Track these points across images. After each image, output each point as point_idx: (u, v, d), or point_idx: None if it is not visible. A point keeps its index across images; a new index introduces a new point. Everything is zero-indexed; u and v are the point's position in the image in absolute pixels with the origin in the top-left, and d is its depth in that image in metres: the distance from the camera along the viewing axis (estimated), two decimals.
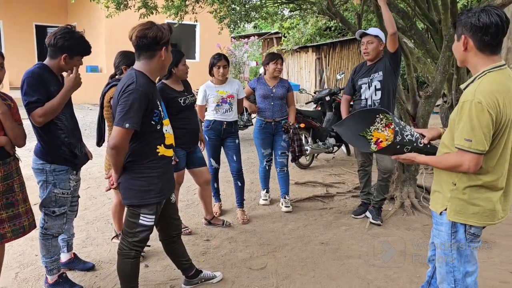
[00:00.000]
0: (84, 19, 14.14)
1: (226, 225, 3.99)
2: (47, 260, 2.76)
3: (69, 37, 2.56)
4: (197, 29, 15.01)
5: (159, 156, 2.36)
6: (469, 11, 1.82)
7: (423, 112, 4.51)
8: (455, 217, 1.90)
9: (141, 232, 2.40)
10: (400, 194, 4.62)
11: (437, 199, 1.99)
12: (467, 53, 1.86)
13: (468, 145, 1.74)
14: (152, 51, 2.26)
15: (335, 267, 3.22)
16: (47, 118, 2.50)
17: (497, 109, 1.72)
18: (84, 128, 8.99)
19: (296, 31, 15.68)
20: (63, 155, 2.64)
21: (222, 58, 3.98)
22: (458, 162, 1.80)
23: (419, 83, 12.83)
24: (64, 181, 2.67)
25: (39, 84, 2.48)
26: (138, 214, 2.36)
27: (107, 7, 5.98)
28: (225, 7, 6.72)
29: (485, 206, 1.85)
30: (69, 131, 2.67)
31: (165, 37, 2.25)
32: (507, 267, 3.22)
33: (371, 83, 3.94)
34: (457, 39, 1.88)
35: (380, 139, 2.11)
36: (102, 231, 3.88)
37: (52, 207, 2.68)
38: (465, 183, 1.86)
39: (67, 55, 2.56)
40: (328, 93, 6.87)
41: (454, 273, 1.95)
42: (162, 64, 2.33)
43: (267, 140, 4.46)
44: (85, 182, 5.37)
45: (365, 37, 3.92)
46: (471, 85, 1.83)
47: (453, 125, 1.86)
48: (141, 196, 2.33)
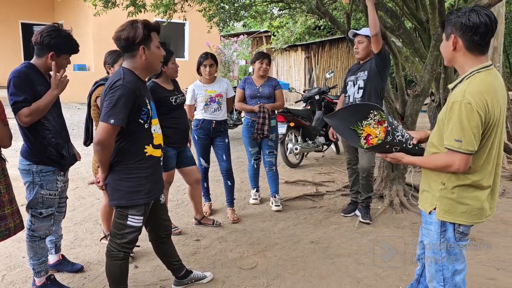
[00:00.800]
0: (71, 17, 13.97)
1: (216, 225, 3.98)
2: (34, 262, 2.71)
3: (56, 35, 2.52)
4: (186, 28, 14.93)
5: (147, 156, 2.33)
6: (459, 11, 1.83)
7: (411, 111, 4.55)
8: (444, 216, 1.91)
9: (129, 234, 2.37)
10: (389, 193, 4.66)
11: (426, 199, 2.00)
12: (456, 53, 1.86)
13: (458, 146, 1.76)
14: (131, 51, 2.24)
15: (325, 266, 3.23)
16: (34, 118, 2.46)
17: (486, 110, 1.74)
18: (71, 128, 8.89)
19: (285, 30, 15.68)
20: (50, 156, 2.60)
21: (209, 57, 3.96)
22: (448, 163, 1.81)
23: (407, 82, 12.93)
24: (51, 182, 2.64)
25: (26, 84, 2.44)
26: (126, 215, 2.34)
27: (95, 5, 5.93)
28: (214, 6, 6.70)
29: (474, 205, 1.87)
30: (56, 132, 2.63)
31: (139, 36, 2.19)
32: (494, 264, 3.26)
33: (356, 81, 4.02)
34: (446, 39, 1.89)
35: (371, 136, 2.11)
36: (90, 232, 3.84)
37: (39, 208, 2.64)
38: (453, 182, 1.87)
39: (54, 53, 2.52)
40: (318, 92, 6.89)
41: (443, 272, 1.97)
42: (147, 63, 2.29)
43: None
44: (73, 182, 5.31)
45: (356, 37, 4.01)
46: (459, 85, 1.84)
47: (442, 125, 1.87)
48: (129, 197, 2.31)
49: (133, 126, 2.24)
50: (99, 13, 6.08)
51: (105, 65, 3.27)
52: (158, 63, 2.36)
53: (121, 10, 6.12)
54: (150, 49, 2.27)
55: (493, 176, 1.90)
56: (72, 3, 12.22)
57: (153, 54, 2.29)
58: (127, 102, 2.15)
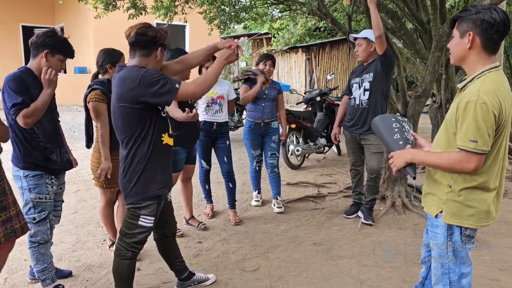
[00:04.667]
0: (72, 20, 13.99)
1: (200, 228, 3.95)
2: (37, 269, 2.71)
3: (52, 35, 2.54)
4: (186, 30, 14.93)
5: (164, 144, 2.36)
6: (475, 7, 1.79)
7: (413, 112, 4.54)
8: (451, 220, 1.88)
9: (140, 234, 2.38)
10: (391, 194, 4.65)
11: (431, 202, 1.97)
12: (470, 51, 1.81)
13: (474, 146, 1.72)
14: (149, 49, 2.29)
15: (328, 268, 3.22)
16: (35, 118, 2.48)
17: (500, 109, 1.72)
18: (73, 130, 8.89)
19: (286, 32, 15.70)
20: (34, 160, 2.59)
21: (211, 58, 3.96)
22: (463, 163, 1.77)
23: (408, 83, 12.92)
24: (39, 186, 2.62)
25: (22, 87, 2.46)
26: (138, 216, 2.35)
27: (96, 7, 5.94)
28: (214, 8, 6.71)
29: (481, 208, 1.85)
30: (47, 136, 2.63)
31: (163, 39, 2.29)
32: (497, 265, 3.25)
33: (361, 83, 4.01)
34: (461, 36, 1.83)
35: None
36: (92, 234, 3.83)
37: (31, 214, 2.63)
38: (460, 185, 1.85)
39: (49, 52, 2.52)
40: (319, 93, 6.90)
41: (450, 275, 1.95)
42: (156, 64, 2.34)
43: (256, 141, 4.45)
44: (74, 185, 5.31)
45: (356, 40, 4.06)
46: (471, 85, 1.80)
47: (451, 125, 1.84)
48: (147, 190, 2.32)
49: (154, 114, 2.28)
50: (99, 15, 6.09)
51: (103, 65, 3.12)
52: (159, 68, 2.42)
53: (121, 13, 6.13)
54: (162, 53, 2.35)
55: (499, 178, 1.87)
56: (73, 5, 12.23)
57: (162, 58, 2.38)
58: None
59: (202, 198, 4.54)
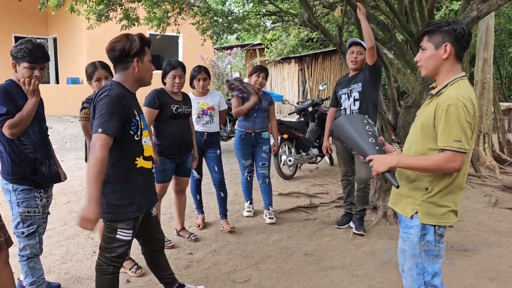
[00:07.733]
0: (64, 30, 13.99)
1: (191, 239, 3.92)
2: (26, 282, 2.68)
3: (16, 45, 2.51)
4: (179, 40, 14.99)
5: (138, 168, 2.32)
6: (443, 21, 1.94)
7: (403, 122, 4.58)
8: (427, 220, 1.97)
9: (118, 248, 2.34)
10: (383, 204, 4.66)
11: (406, 204, 2.04)
12: (445, 61, 1.94)
13: (458, 146, 1.81)
14: (124, 63, 2.26)
15: (319, 278, 3.21)
16: (20, 128, 2.46)
17: (474, 112, 1.85)
18: (64, 141, 8.82)
19: (279, 43, 15.81)
20: (23, 174, 2.57)
21: (202, 70, 3.98)
22: (449, 163, 1.83)
23: (400, 93, 13.03)
24: (28, 200, 2.60)
25: (6, 97, 2.45)
26: (115, 229, 2.32)
27: (88, 18, 5.95)
28: (207, 19, 6.76)
29: (451, 207, 1.96)
30: (35, 146, 2.61)
31: (134, 48, 2.22)
32: (487, 274, 3.26)
33: (350, 94, 4.02)
34: (436, 47, 1.94)
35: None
36: (82, 246, 3.79)
37: (20, 228, 2.60)
38: (437, 187, 1.94)
39: (15, 62, 2.52)
40: (311, 103, 6.93)
41: (424, 275, 2.02)
42: (138, 76, 2.31)
43: (247, 151, 4.45)
44: (65, 196, 5.27)
45: (356, 46, 3.98)
46: (447, 90, 1.91)
47: (428, 129, 1.92)
48: (119, 211, 2.29)
49: (124, 138, 2.23)
50: (92, 26, 6.10)
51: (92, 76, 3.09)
52: (150, 76, 2.40)
53: (114, 24, 6.15)
54: (143, 62, 2.30)
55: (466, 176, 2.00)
56: (66, 16, 12.23)
57: (145, 67, 2.32)
58: (115, 110, 2.14)
59: (193, 209, 4.52)
